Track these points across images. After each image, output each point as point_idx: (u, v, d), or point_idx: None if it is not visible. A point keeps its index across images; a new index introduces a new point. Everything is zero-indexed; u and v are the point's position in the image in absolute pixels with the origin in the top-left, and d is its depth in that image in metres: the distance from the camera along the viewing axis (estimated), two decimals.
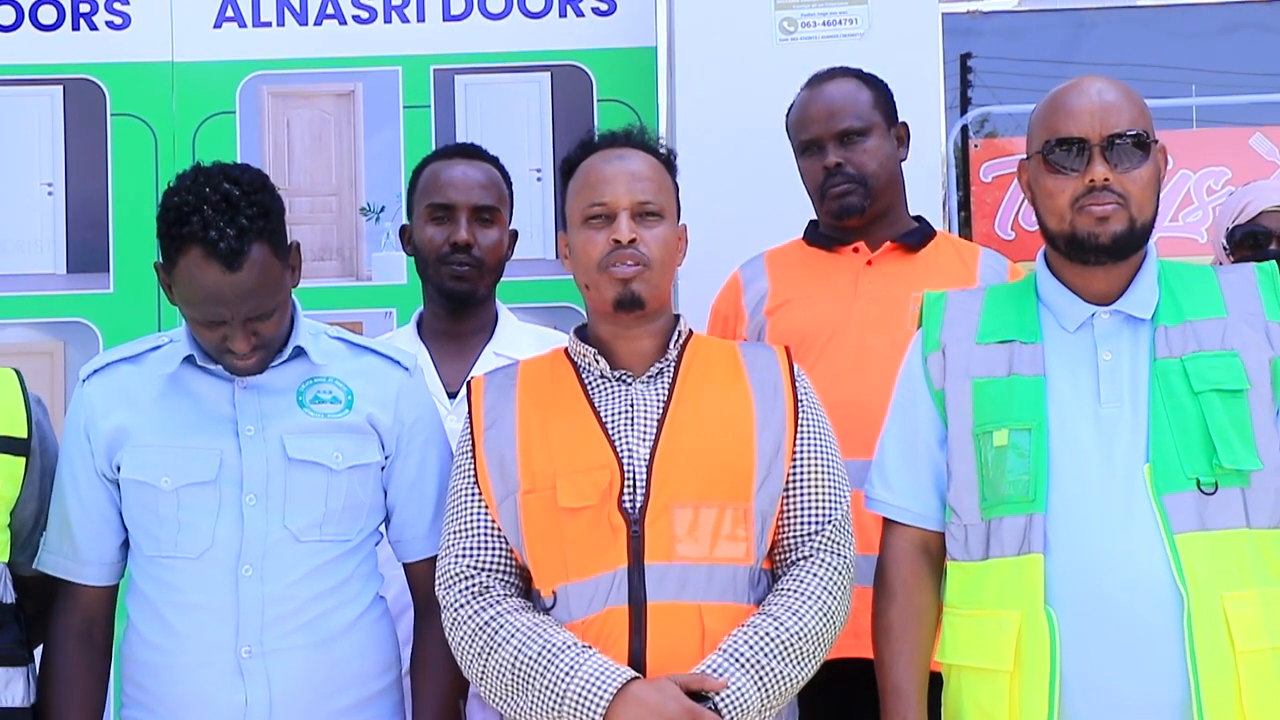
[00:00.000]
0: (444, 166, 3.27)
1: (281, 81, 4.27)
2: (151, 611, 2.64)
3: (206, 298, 2.51)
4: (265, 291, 2.53)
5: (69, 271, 4.30)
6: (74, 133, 4.28)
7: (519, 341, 3.22)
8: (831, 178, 3.19)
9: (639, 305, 2.56)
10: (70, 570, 2.68)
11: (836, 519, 2.57)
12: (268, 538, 2.60)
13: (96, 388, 2.69)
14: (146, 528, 2.64)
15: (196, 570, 2.60)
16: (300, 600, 2.61)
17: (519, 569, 2.58)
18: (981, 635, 2.48)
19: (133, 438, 2.63)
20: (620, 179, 2.57)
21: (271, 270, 2.54)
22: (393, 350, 2.80)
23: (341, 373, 2.70)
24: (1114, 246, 2.49)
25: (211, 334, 2.56)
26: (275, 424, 2.63)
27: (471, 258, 3.20)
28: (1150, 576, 2.38)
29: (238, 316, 2.53)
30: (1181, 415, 2.44)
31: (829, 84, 3.27)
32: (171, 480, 2.61)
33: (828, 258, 3.25)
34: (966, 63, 4.79)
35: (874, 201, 3.21)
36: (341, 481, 2.65)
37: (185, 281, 2.51)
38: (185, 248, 2.49)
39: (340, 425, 2.66)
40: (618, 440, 2.54)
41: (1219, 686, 2.35)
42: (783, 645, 2.45)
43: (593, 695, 2.39)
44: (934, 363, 2.61)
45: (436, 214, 3.22)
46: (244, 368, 2.60)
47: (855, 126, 3.21)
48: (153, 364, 2.69)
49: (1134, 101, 2.53)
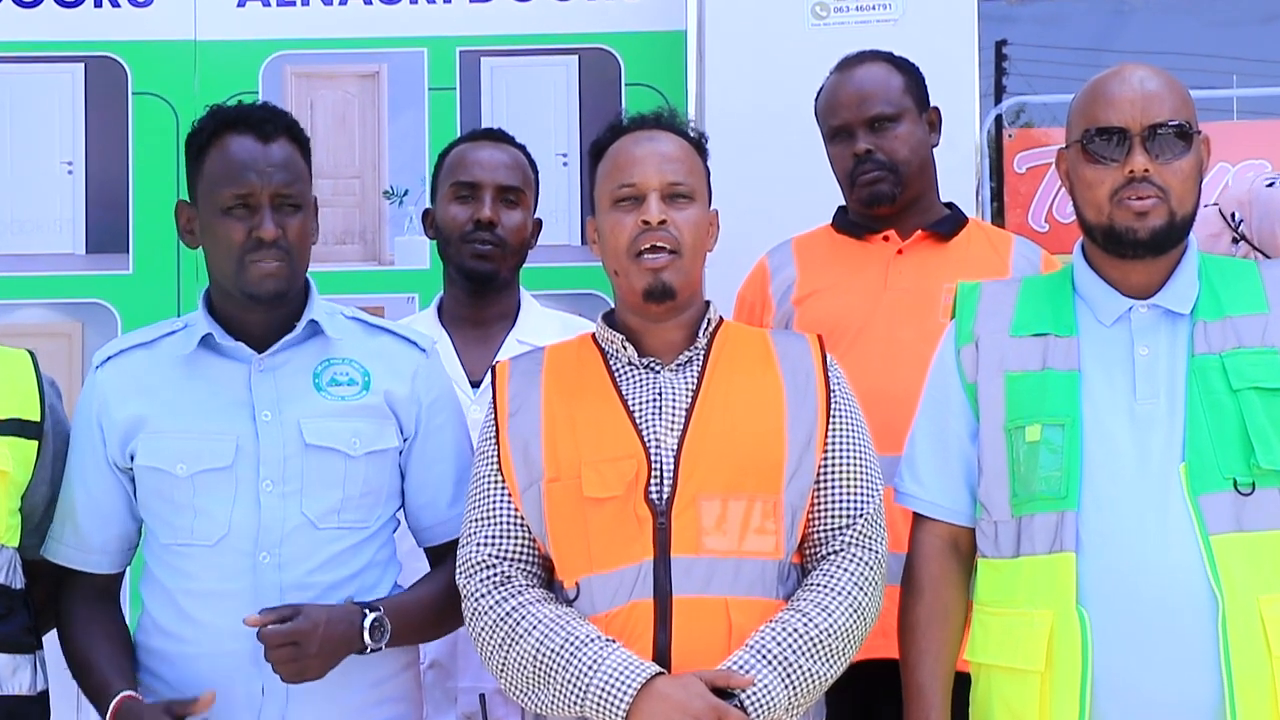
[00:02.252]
0: (470, 148, 3.29)
1: (305, 62, 4.26)
2: (167, 599, 2.63)
3: (239, 167, 2.56)
4: (294, 173, 2.60)
5: (88, 252, 4.29)
6: (94, 111, 4.26)
7: (543, 328, 3.21)
8: (861, 164, 3.17)
9: (670, 296, 2.53)
10: (76, 559, 2.68)
11: (869, 513, 2.54)
12: (285, 524, 2.59)
13: (110, 375, 2.68)
14: (162, 515, 2.62)
15: (213, 558, 2.59)
16: (318, 588, 2.59)
17: (542, 559, 2.55)
18: (1012, 635, 2.45)
19: (148, 425, 2.62)
20: (650, 160, 2.55)
21: (298, 164, 2.63)
22: (409, 331, 2.79)
23: (358, 353, 2.69)
24: (1152, 241, 2.46)
25: (238, 226, 2.56)
26: (292, 408, 2.62)
27: (495, 236, 3.20)
28: (1185, 578, 2.35)
29: (268, 188, 2.56)
30: (1219, 413, 2.41)
31: (859, 68, 3.24)
32: (187, 467, 2.59)
33: (857, 246, 3.22)
34: (1002, 50, 4.75)
35: (905, 189, 3.18)
36: (359, 467, 2.63)
37: (216, 162, 2.58)
38: (218, 135, 2.60)
39: (358, 408, 2.65)
40: (645, 429, 2.51)
41: (1254, 690, 2.32)
42: (812, 642, 2.42)
43: (617, 690, 2.36)
44: (967, 355, 2.58)
45: (461, 193, 3.24)
46: (269, 272, 2.58)
47: (886, 112, 3.18)
48: (167, 349, 2.68)
49: (1177, 91, 2.50)
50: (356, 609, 2.56)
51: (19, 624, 2.59)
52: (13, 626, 2.57)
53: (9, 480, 2.57)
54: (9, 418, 2.59)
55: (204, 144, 2.63)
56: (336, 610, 2.55)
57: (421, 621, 2.67)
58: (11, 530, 2.59)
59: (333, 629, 2.52)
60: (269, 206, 2.57)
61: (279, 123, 2.64)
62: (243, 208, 2.58)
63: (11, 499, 2.58)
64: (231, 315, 2.65)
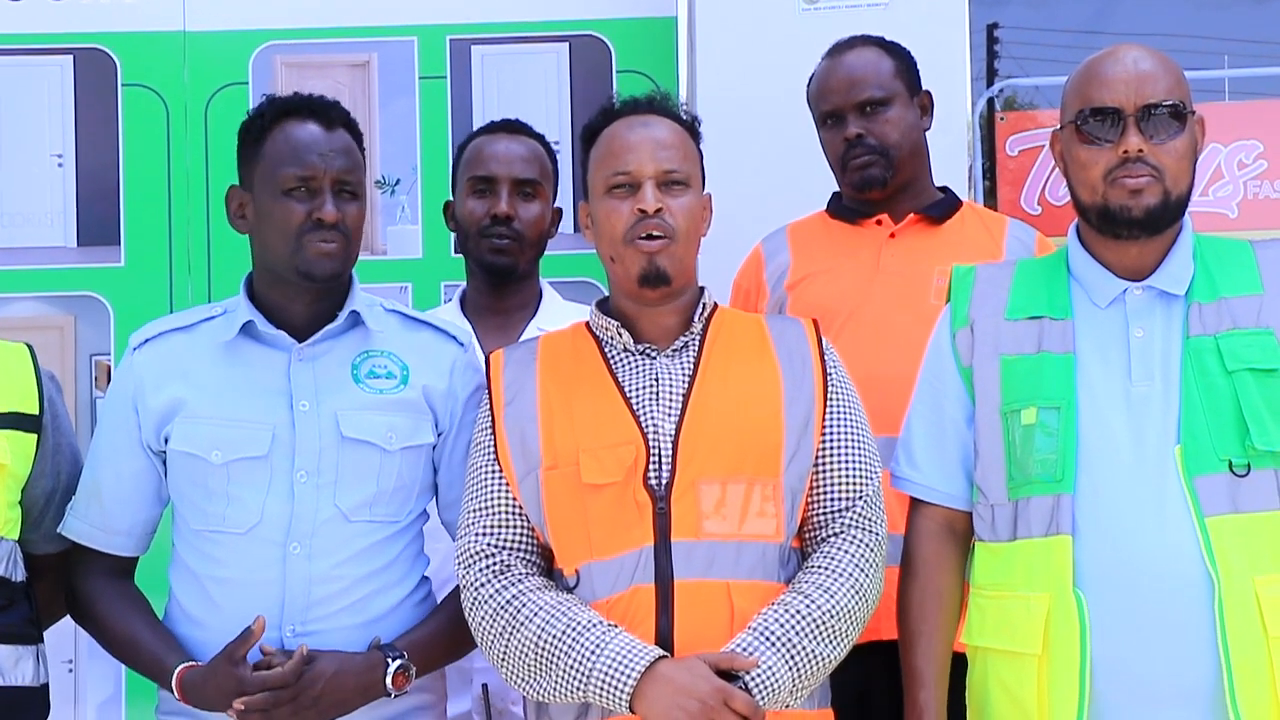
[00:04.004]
0: (487, 141, 3.29)
1: (295, 52, 4.24)
2: (196, 586, 2.62)
3: (302, 148, 2.59)
4: (354, 161, 2.63)
5: (79, 245, 4.27)
6: (84, 103, 4.24)
7: (563, 318, 3.19)
8: (852, 149, 3.17)
9: (665, 281, 2.52)
10: (97, 539, 2.67)
11: (868, 495, 2.54)
12: (317, 516, 2.58)
13: (148, 358, 2.67)
14: (194, 501, 2.61)
15: (243, 546, 2.58)
16: (347, 581, 2.58)
17: (540, 548, 2.55)
18: (1009, 618, 2.46)
19: (185, 409, 2.61)
20: (645, 147, 2.54)
21: (357, 154, 2.66)
22: (447, 325, 2.79)
23: (397, 346, 2.69)
24: (1147, 220, 2.45)
25: (299, 207, 2.57)
26: (330, 399, 2.62)
27: (512, 230, 3.21)
28: (1180, 560, 2.35)
29: (330, 172, 2.58)
30: (1214, 395, 2.41)
31: (850, 53, 3.23)
32: (223, 454, 2.59)
33: (850, 230, 3.22)
34: (993, 34, 4.75)
35: (896, 173, 3.17)
36: (394, 462, 2.63)
37: (279, 145, 2.60)
38: (279, 121, 2.62)
39: (395, 402, 2.64)
40: (642, 415, 2.50)
41: (1251, 671, 2.32)
42: (815, 624, 2.42)
43: (620, 675, 2.35)
44: (962, 339, 2.58)
45: (478, 186, 3.25)
46: (327, 252, 2.58)
47: (876, 96, 3.17)
48: (206, 334, 2.67)
49: (1171, 71, 2.49)
50: (380, 658, 2.55)
51: (20, 616, 2.58)
52: (14, 618, 2.56)
53: (8, 473, 2.56)
54: (8, 411, 2.59)
55: (265, 128, 2.64)
56: (354, 661, 2.54)
57: (444, 652, 2.67)
58: (11, 523, 2.58)
59: (341, 684, 2.52)
60: (330, 190, 2.59)
61: (340, 113, 2.67)
62: (304, 190, 2.58)
63: (11, 492, 2.57)
64: (274, 303, 2.65)
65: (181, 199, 4.12)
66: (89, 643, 2.79)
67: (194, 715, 2.58)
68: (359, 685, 2.53)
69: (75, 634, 2.85)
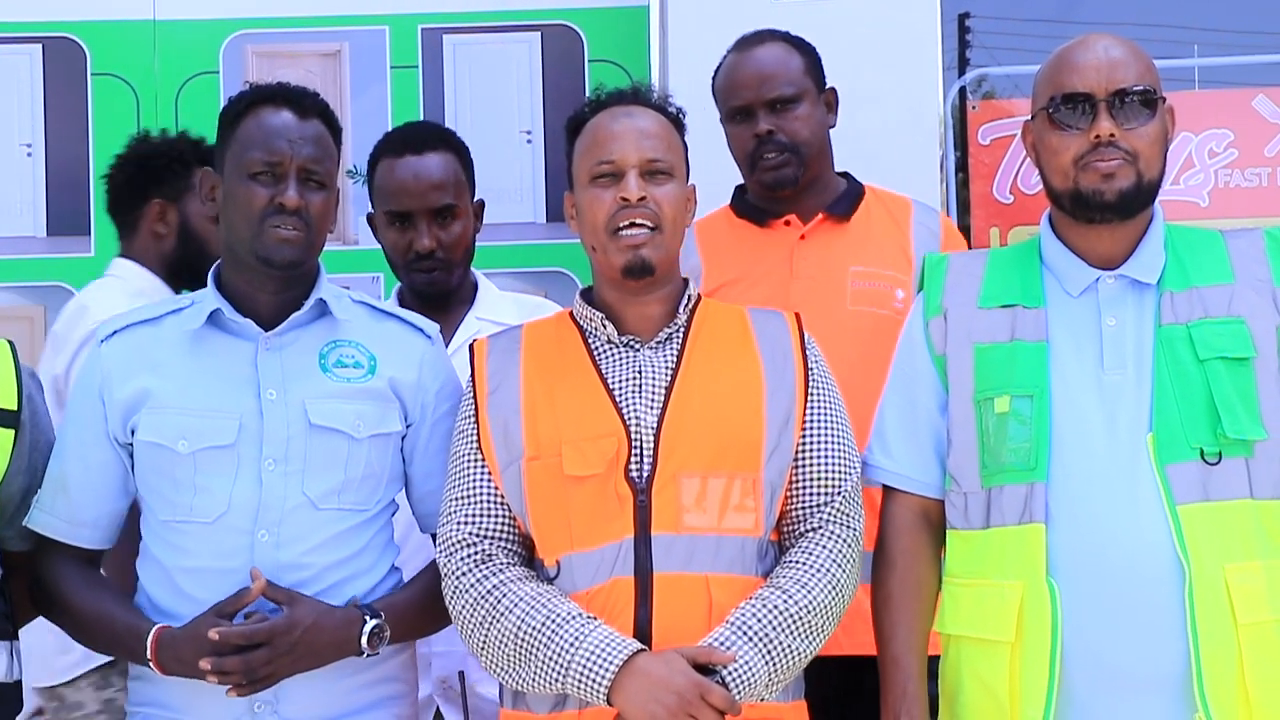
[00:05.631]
0: (395, 166, 3.20)
1: (266, 41, 4.24)
2: (164, 577, 2.60)
3: (272, 133, 2.58)
4: (324, 150, 2.62)
5: (49, 235, 4.26)
6: (53, 93, 4.24)
7: (500, 308, 3.20)
8: (763, 145, 3.15)
9: (648, 272, 2.52)
10: (63, 531, 2.64)
11: (846, 490, 2.54)
12: (286, 503, 2.57)
13: (115, 349, 2.65)
14: (161, 491, 2.60)
15: (211, 535, 2.56)
16: (316, 568, 2.57)
17: (522, 538, 2.54)
18: (982, 606, 2.46)
19: (151, 400, 2.60)
20: (629, 136, 2.53)
21: (329, 144, 2.64)
22: (414, 318, 2.78)
23: (364, 337, 2.68)
24: (1120, 203, 2.46)
25: (262, 192, 2.56)
26: (297, 387, 2.60)
27: (437, 260, 3.17)
28: (1152, 548, 2.36)
29: (297, 160, 2.57)
30: (1186, 384, 2.41)
31: (759, 48, 3.22)
32: (189, 444, 2.57)
33: (759, 233, 3.22)
34: (965, 23, 4.76)
35: (806, 170, 3.17)
36: (362, 450, 2.62)
37: (250, 129, 2.60)
38: (254, 106, 2.61)
39: (363, 391, 2.63)
40: (625, 407, 2.50)
41: (1220, 658, 2.33)
42: (792, 619, 2.42)
43: (598, 667, 2.36)
44: (935, 327, 2.58)
45: (394, 221, 3.20)
46: (287, 238, 2.56)
47: (787, 94, 3.16)
48: (173, 325, 2.66)
49: (1141, 58, 2.50)
50: (357, 615, 2.55)
51: None
52: None
53: None
54: None
55: (239, 113, 2.63)
56: (332, 615, 2.53)
57: (419, 621, 2.66)
58: None
59: (318, 634, 2.51)
60: (295, 177, 2.57)
61: (317, 103, 2.65)
62: (269, 174, 2.57)
63: None
64: (240, 291, 2.64)
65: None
66: None
67: (164, 706, 2.58)
68: (335, 639, 2.52)
69: None
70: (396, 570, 2.71)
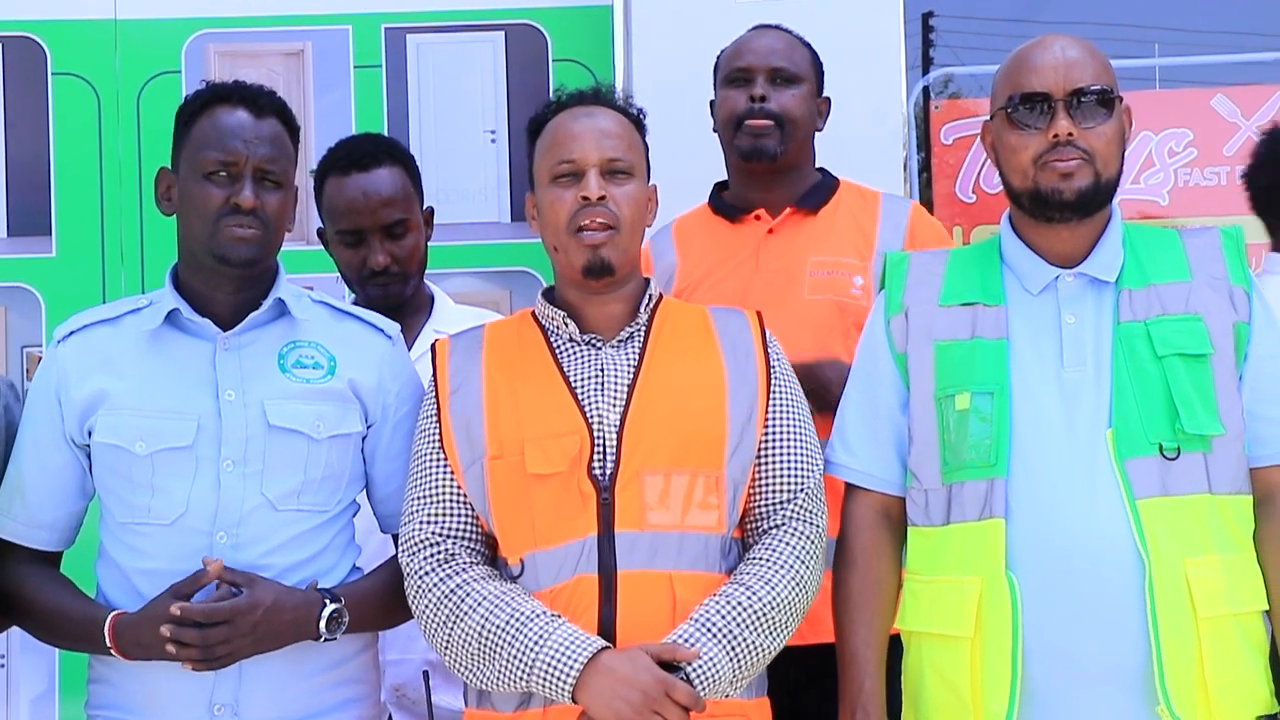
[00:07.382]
0: (343, 185, 3.20)
1: (228, 40, 4.21)
2: (122, 579, 2.59)
3: (227, 133, 2.58)
4: (280, 150, 2.61)
5: (9, 235, 4.22)
6: (13, 93, 4.19)
7: (457, 319, 3.18)
8: (753, 110, 3.17)
9: (609, 271, 2.52)
10: (20, 534, 2.64)
11: (809, 487, 2.55)
12: (244, 504, 2.56)
13: (71, 350, 2.64)
14: (118, 493, 2.59)
15: (169, 537, 2.55)
16: (275, 570, 2.56)
17: (485, 536, 2.54)
18: (942, 601, 2.47)
19: (108, 401, 2.59)
20: (589, 136, 2.54)
21: (286, 144, 2.64)
22: (375, 318, 2.77)
23: (324, 337, 2.67)
24: (1079, 202, 2.48)
25: (217, 192, 2.56)
26: (256, 388, 2.60)
27: (390, 275, 3.17)
28: (1112, 542, 2.37)
29: (252, 160, 2.56)
30: (1144, 380, 2.43)
31: (774, 30, 3.29)
32: (146, 445, 2.56)
33: (731, 229, 3.24)
34: (928, 22, 4.77)
35: (786, 151, 3.18)
36: (321, 451, 2.61)
37: (205, 128, 2.59)
38: (210, 105, 2.61)
39: (322, 391, 2.63)
40: (587, 406, 2.51)
41: (1180, 652, 2.35)
42: (755, 615, 2.43)
43: (563, 665, 2.36)
44: (896, 325, 2.59)
45: (346, 239, 3.20)
46: (242, 237, 2.56)
47: (790, 70, 3.21)
48: (131, 325, 2.65)
49: (1098, 58, 2.52)
50: (317, 598, 2.54)
51: None
52: None
53: None
54: None
55: (196, 112, 2.62)
56: (293, 595, 2.53)
57: (379, 611, 2.65)
58: None
59: (278, 614, 2.50)
60: (251, 177, 2.57)
61: (273, 102, 2.64)
62: (224, 174, 2.57)
63: None
64: (198, 291, 2.63)
65: (114, 189, 4.09)
66: (21, 638, 2.75)
67: (124, 709, 2.57)
68: (294, 620, 2.52)
69: (7, 632, 2.81)
70: (358, 570, 2.70)
